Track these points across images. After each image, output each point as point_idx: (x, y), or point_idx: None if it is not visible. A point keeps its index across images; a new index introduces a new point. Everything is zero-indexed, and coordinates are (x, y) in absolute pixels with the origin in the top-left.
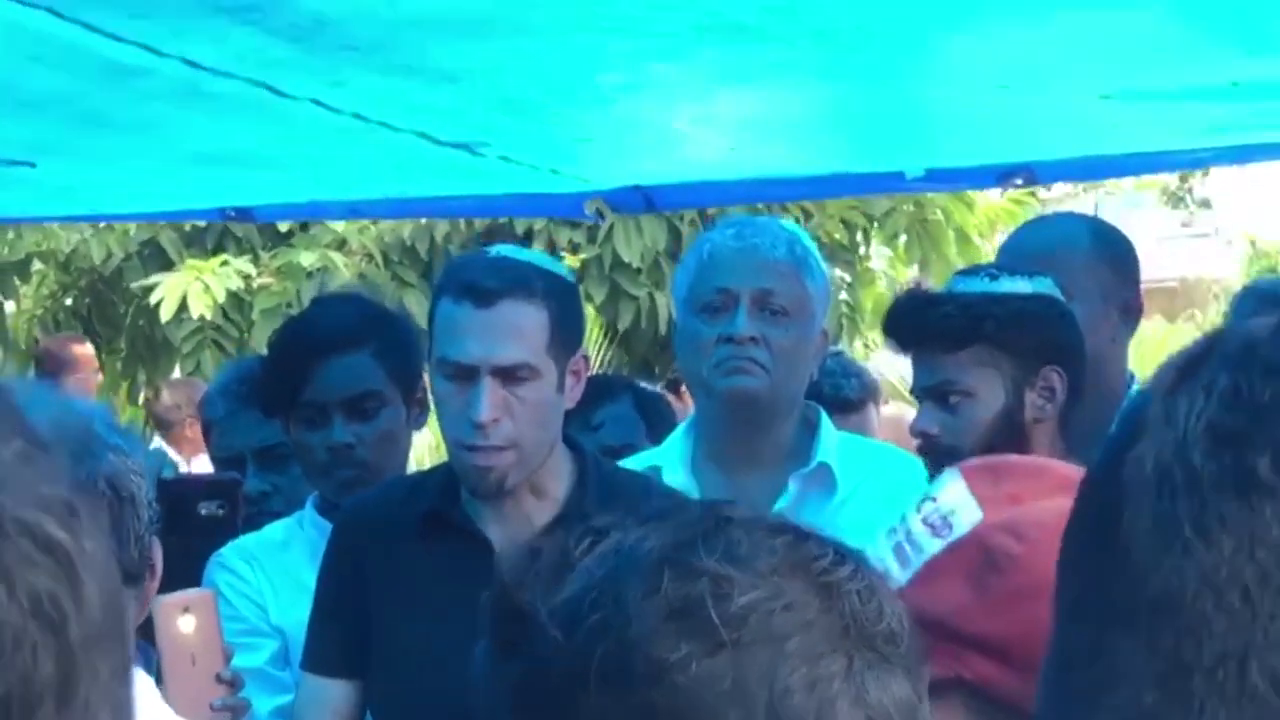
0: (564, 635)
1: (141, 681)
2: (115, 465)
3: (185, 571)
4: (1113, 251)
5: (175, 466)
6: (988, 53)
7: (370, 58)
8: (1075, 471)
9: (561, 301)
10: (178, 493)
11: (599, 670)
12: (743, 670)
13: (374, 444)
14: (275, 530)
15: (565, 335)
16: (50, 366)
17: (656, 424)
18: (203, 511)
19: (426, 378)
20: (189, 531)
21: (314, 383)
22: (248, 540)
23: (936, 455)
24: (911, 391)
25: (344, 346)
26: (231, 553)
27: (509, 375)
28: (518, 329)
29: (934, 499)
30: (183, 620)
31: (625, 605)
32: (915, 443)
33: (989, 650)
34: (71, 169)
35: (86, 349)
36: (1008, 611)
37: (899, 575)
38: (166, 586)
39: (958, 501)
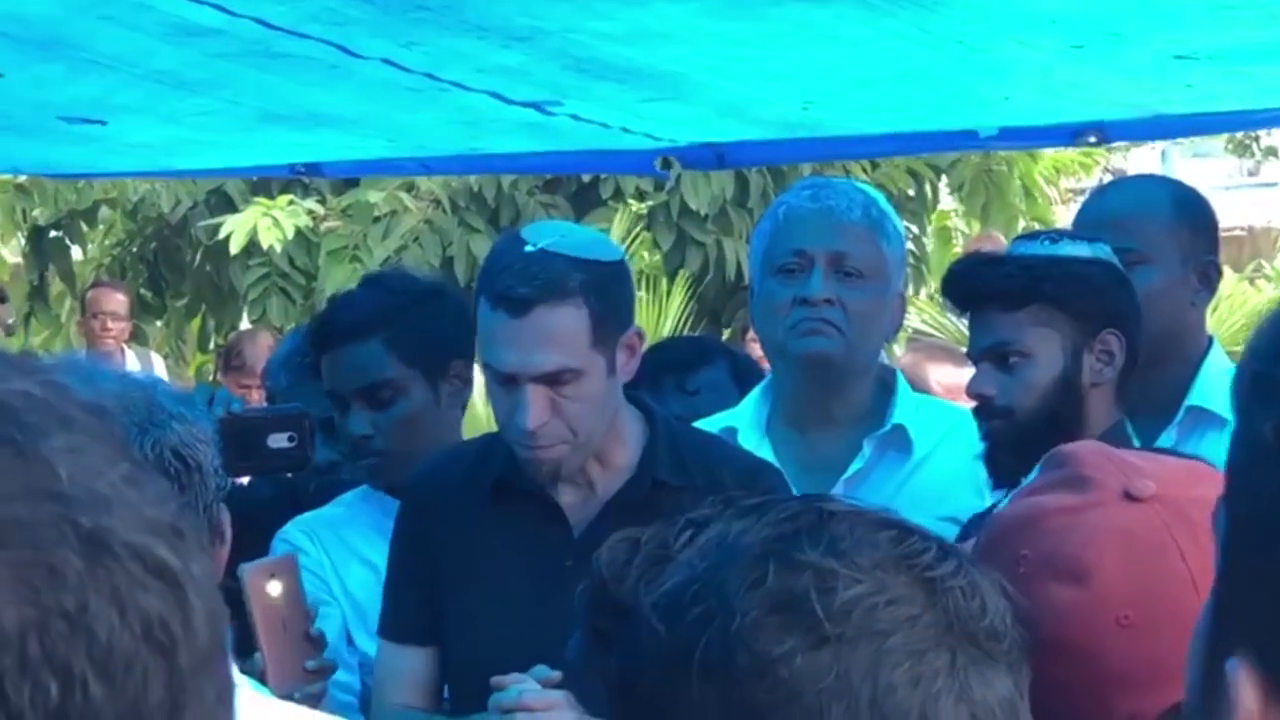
0: (666, 627)
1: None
2: (181, 435)
3: (256, 510)
4: (1193, 215)
5: (242, 401)
6: (1063, 12)
7: (442, 17)
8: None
9: (602, 291)
10: (245, 427)
11: (701, 662)
12: (846, 665)
13: (391, 432)
14: (338, 505)
15: (610, 322)
16: (91, 312)
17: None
18: (271, 445)
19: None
20: (259, 466)
21: (331, 373)
22: (311, 515)
23: (992, 417)
24: (968, 354)
25: (354, 337)
26: (294, 528)
27: (552, 379)
28: (555, 336)
29: None
30: (270, 585)
31: (728, 598)
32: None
33: None
34: (142, 126)
35: (122, 297)
36: None
37: None
38: (246, 523)
39: None
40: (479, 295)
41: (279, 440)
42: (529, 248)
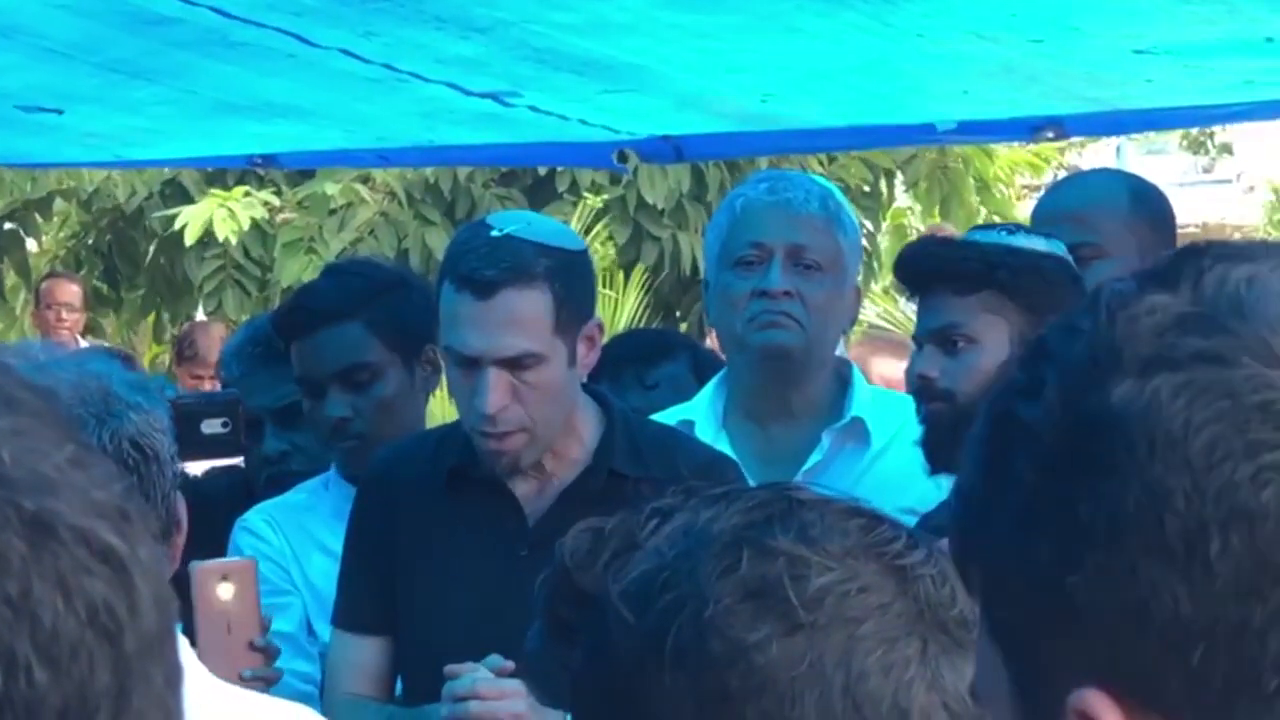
0: (635, 615)
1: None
2: (138, 424)
3: (210, 501)
4: (1151, 210)
5: (175, 388)
6: (1023, 7)
7: (401, 8)
8: None
9: (566, 278)
10: (180, 414)
11: (673, 650)
12: (819, 652)
13: (371, 414)
14: (300, 493)
15: (573, 311)
16: (45, 304)
17: None
18: (205, 430)
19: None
20: (193, 451)
21: (306, 359)
22: (272, 503)
23: (932, 399)
24: (914, 335)
25: (334, 319)
26: (255, 516)
27: (514, 364)
28: (519, 319)
29: None
30: (221, 587)
31: (700, 584)
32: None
33: None
34: (98, 115)
35: (76, 288)
36: None
37: None
38: (199, 514)
39: None
40: (442, 278)
41: (213, 426)
42: (495, 233)
